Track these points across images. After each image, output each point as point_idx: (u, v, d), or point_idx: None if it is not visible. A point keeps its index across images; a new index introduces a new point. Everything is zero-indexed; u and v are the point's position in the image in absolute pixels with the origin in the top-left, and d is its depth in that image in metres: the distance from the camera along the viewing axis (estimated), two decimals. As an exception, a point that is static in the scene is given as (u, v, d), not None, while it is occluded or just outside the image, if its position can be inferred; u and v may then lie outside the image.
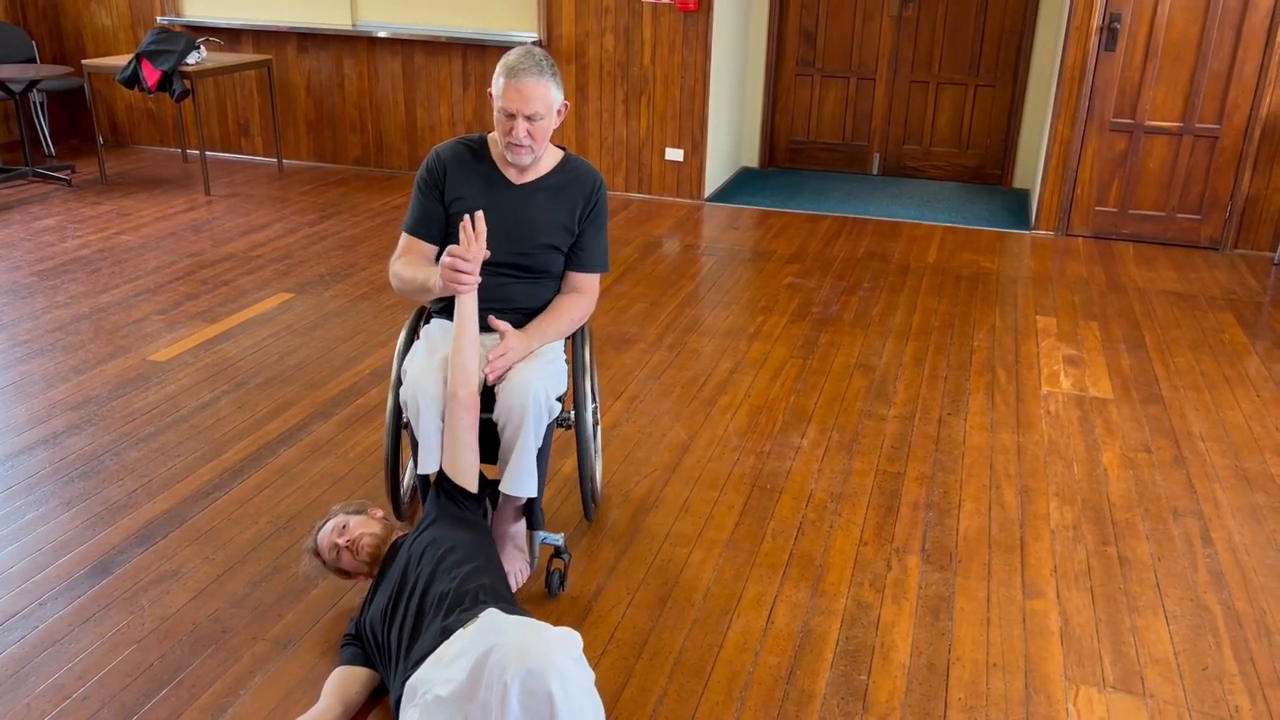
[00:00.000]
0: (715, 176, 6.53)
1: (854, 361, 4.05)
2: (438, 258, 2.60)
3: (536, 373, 2.45)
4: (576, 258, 2.67)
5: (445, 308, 2.66)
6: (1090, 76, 5.47)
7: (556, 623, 2.50)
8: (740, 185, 6.73)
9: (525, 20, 6.24)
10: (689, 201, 6.32)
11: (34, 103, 7.07)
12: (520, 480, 2.47)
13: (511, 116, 2.46)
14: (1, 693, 2.25)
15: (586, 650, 2.41)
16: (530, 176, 2.61)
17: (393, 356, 3.97)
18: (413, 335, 2.73)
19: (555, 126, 2.55)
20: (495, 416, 2.47)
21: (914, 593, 2.66)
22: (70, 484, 3.07)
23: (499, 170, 2.61)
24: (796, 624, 2.53)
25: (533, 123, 2.47)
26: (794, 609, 2.58)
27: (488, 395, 2.52)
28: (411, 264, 2.58)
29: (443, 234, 2.62)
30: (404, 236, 2.65)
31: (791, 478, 3.20)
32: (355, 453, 3.28)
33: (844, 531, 2.92)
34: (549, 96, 2.47)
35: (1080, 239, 5.76)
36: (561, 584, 2.62)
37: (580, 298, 2.68)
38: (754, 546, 2.84)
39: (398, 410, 2.63)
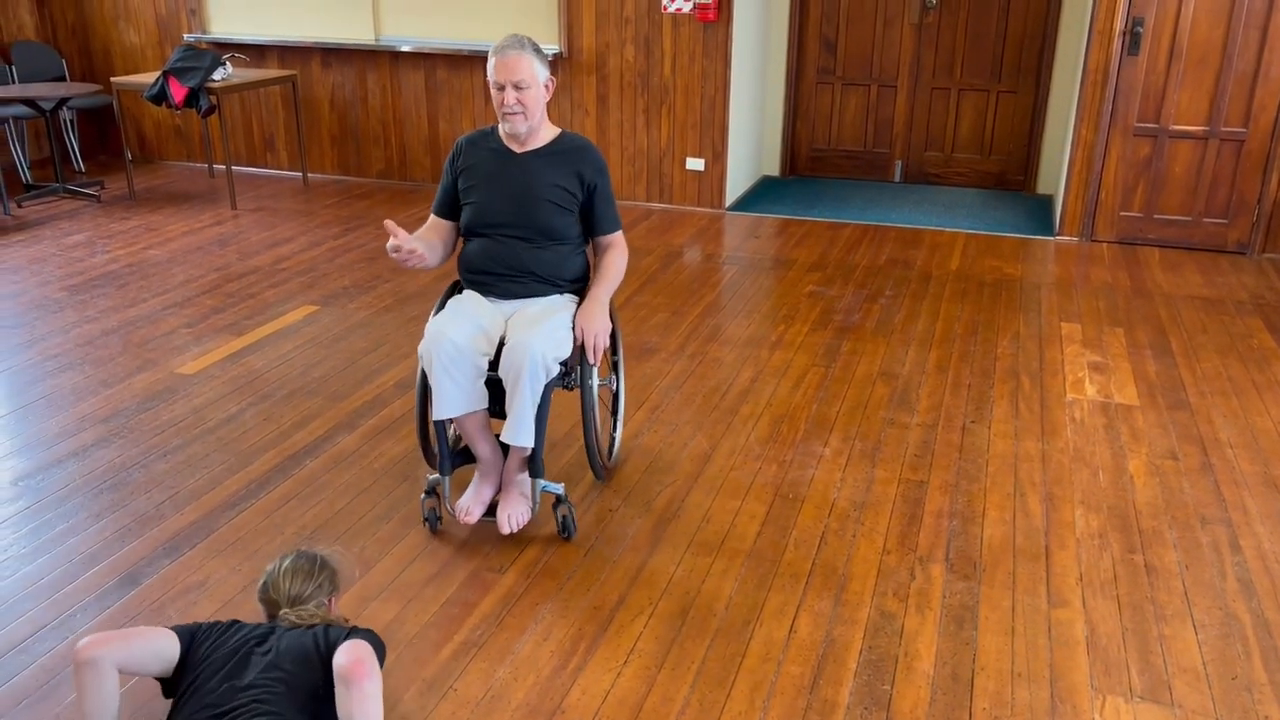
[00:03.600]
0: (736, 185, 6.53)
1: (876, 370, 4.03)
2: (455, 226, 3.07)
3: (536, 338, 2.72)
4: (596, 224, 3.02)
5: (477, 280, 2.98)
6: (1113, 81, 5.44)
7: (579, 630, 2.51)
8: (761, 194, 6.73)
9: (546, 32, 6.28)
10: (710, 211, 6.32)
11: (64, 120, 7.18)
12: (518, 431, 2.76)
13: (501, 88, 2.83)
14: (32, 703, 2.28)
15: (608, 660, 2.42)
16: (529, 146, 2.96)
17: (416, 366, 4.01)
18: (444, 305, 2.97)
19: (546, 99, 2.91)
20: (500, 374, 2.77)
21: (938, 602, 2.64)
22: (99, 496, 3.11)
23: (504, 145, 2.97)
24: (819, 633, 2.52)
25: (520, 91, 2.82)
26: (817, 618, 2.58)
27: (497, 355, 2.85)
28: (424, 234, 3.02)
29: (453, 208, 3.04)
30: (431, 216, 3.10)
31: (814, 487, 3.19)
32: (380, 464, 3.31)
33: (867, 540, 2.91)
34: (532, 67, 2.83)
35: (1105, 244, 5.72)
36: (574, 528, 2.92)
37: (614, 251, 3.04)
38: (776, 556, 2.83)
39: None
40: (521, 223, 2.91)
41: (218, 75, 6.09)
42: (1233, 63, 5.27)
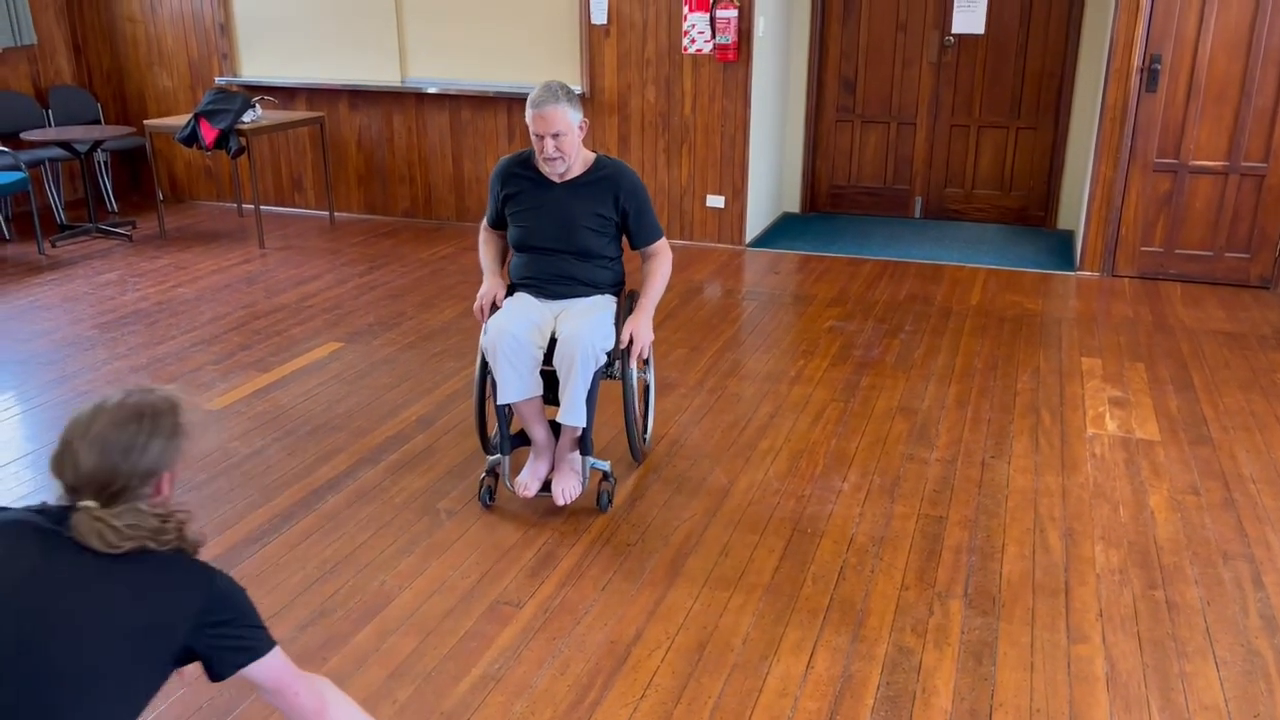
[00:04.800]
0: (756, 222, 6.58)
1: (896, 405, 4.04)
2: (503, 233, 3.45)
3: (586, 328, 3.08)
4: (638, 236, 3.32)
5: (526, 283, 3.32)
6: (1132, 117, 5.46)
7: (596, 664, 2.52)
8: (782, 230, 6.78)
9: (569, 74, 6.38)
10: (730, 247, 6.37)
11: (98, 162, 7.35)
12: (573, 412, 3.09)
13: (541, 138, 3.10)
14: (58, 733, 2.31)
15: (625, 695, 2.43)
16: (568, 177, 3.24)
17: (439, 401, 4.06)
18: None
19: (581, 138, 3.16)
20: (555, 362, 3.11)
21: (956, 637, 2.63)
22: (126, 530, 3.16)
23: (543, 175, 3.25)
24: (837, 669, 2.52)
25: (558, 139, 3.10)
26: (834, 654, 2.57)
27: (550, 348, 3.17)
28: (483, 242, 3.46)
29: (502, 223, 3.39)
30: (484, 222, 3.47)
31: (832, 521, 3.19)
32: (401, 498, 3.34)
33: (885, 576, 2.91)
34: (567, 117, 3.09)
35: (1126, 279, 5.71)
36: (609, 502, 3.24)
37: (659, 260, 3.35)
38: (794, 591, 2.84)
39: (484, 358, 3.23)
40: (564, 246, 3.26)
41: (247, 117, 6.22)
42: (1251, 98, 5.27)
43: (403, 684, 2.46)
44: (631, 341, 3.20)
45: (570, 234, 3.24)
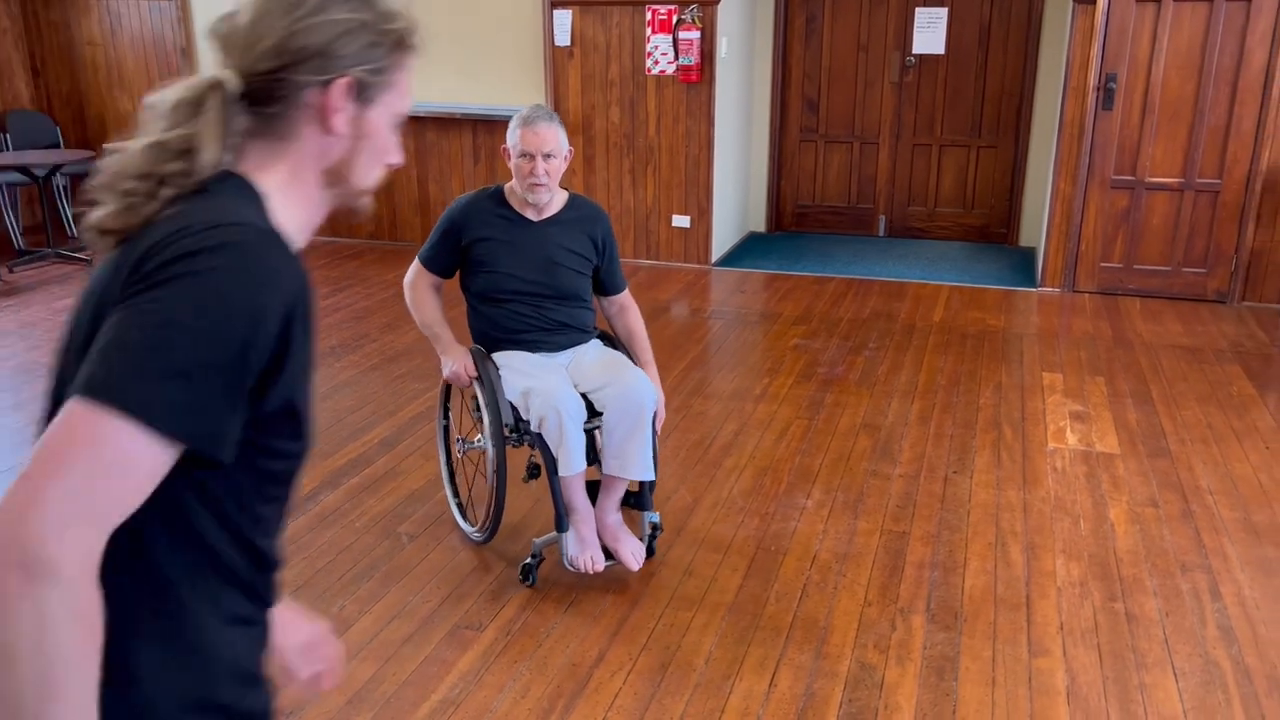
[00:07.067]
0: (722, 241, 6.61)
1: (859, 421, 4.05)
2: (442, 281, 3.16)
3: (642, 379, 2.91)
4: (608, 283, 3.16)
5: (515, 342, 3.02)
6: (1089, 135, 5.54)
7: (558, 688, 2.50)
8: (748, 250, 6.81)
9: (533, 95, 6.39)
10: (696, 266, 6.39)
11: (57, 186, 7.26)
12: (646, 466, 2.89)
13: (531, 158, 2.90)
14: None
15: (586, 718, 2.40)
16: (546, 214, 3.04)
17: (402, 424, 4.02)
18: (491, 375, 2.99)
19: (564, 169, 2.98)
20: (608, 419, 2.86)
21: (918, 653, 2.64)
22: (80, 558, 3.10)
23: (518, 212, 3.03)
24: (799, 687, 2.51)
25: (548, 161, 2.91)
26: (797, 672, 2.57)
27: (592, 406, 2.92)
28: (419, 299, 3.12)
29: (449, 270, 3.11)
30: (417, 263, 3.14)
31: (796, 539, 3.19)
32: (362, 521, 3.31)
33: (848, 592, 2.91)
34: (558, 139, 2.93)
35: (1086, 295, 5.78)
36: (651, 551, 3.06)
37: (632, 311, 3.20)
38: (757, 609, 2.83)
39: (499, 430, 2.93)
40: (543, 289, 3.01)
41: (209, 140, 6.17)
42: (1205, 117, 5.37)
43: (361, 711, 2.43)
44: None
45: (552, 275, 3.00)
